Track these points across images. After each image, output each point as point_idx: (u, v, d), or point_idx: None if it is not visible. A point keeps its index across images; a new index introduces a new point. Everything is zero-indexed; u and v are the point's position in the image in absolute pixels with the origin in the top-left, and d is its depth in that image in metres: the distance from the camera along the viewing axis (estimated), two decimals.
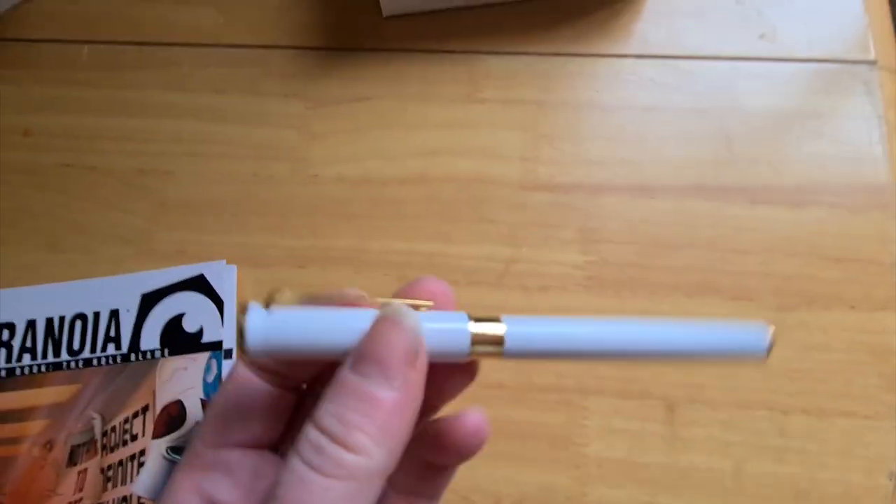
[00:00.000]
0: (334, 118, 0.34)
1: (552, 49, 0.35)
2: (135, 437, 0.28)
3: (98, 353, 0.29)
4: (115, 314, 0.30)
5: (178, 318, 0.30)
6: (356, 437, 0.12)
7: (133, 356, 0.29)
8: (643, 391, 0.29)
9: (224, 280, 0.30)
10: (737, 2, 0.35)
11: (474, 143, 0.33)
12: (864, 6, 0.34)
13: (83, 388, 0.29)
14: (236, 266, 0.31)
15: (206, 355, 0.29)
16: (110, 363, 0.29)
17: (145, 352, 0.29)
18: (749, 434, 0.28)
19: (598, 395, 0.29)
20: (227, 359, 0.29)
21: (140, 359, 0.29)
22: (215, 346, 0.29)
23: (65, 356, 0.30)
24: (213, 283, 0.30)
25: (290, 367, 0.16)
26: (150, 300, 0.30)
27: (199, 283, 0.30)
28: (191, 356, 0.29)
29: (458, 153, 0.33)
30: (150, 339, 0.29)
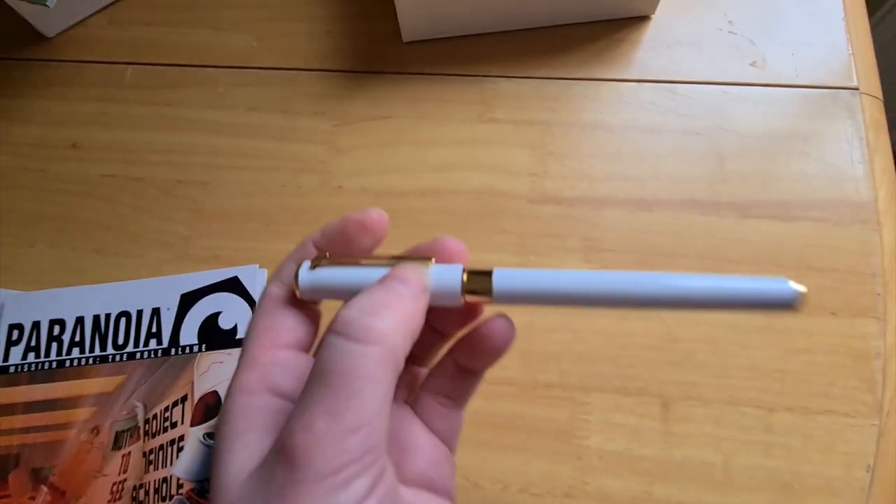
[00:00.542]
0: (358, 135, 0.37)
1: (559, 74, 0.37)
2: (174, 424, 0.30)
3: (141, 348, 0.32)
4: (156, 312, 0.33)
5: (214, 316, 0.32)
6: (383, 311, 0.16)
7: (173, 350, 0.32)
8: (641, 389, 0.31)
9: (256, 282, 0.33)
10: (730, 32, 0.38)
11: (486, 159, 0.36)
12: (848, 38, 0.37)
13: (127, 379, 0.32)
14: (267, 270, 0.33)
15: (239, 350, 0.31)
16: (152, 357, 0.32)
17: (184, 347, 0.32)
18: (738, 430, 0.30)
19: (599, 392, 0.31)
20: None
21: (179, 353, 0.32)
22: None
23: (110, 350, 0.32)
24: (247, 284, 0.33)
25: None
26: (188, 300, 0.33)
27: (233, 285, 0.33)
28: (226, 351, 0.32)
29: (471, 168, 0.36)
30: (188, 335, 0.32)
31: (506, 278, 0.17)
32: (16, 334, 0.33)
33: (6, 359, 0.32)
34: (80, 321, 0.33)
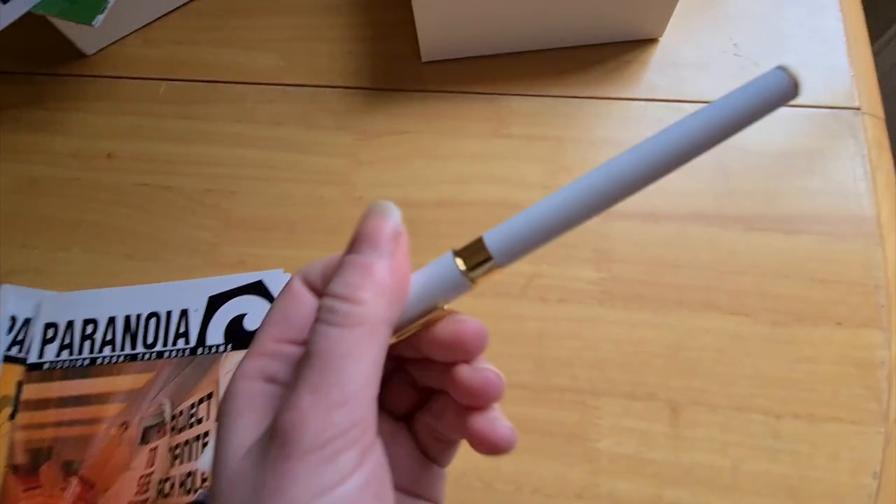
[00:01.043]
0: (378, 149, 0.39)
1: (571, 92, 0.39)
2: (200, 421, 0.32)
3: (169, 347, 0.34)
4: (184, 313, 0.34)
5: (239, 318, 0.34)
6: (359, 294, 0.16)
7: (200, 350, 0.33)
8: (650, 394, 0.32)
9: (280, 286, 0.34)
10: (735, 55, 0.39)
11: (500, 172, 0.37)
12: (850, 60, 0.38)
13: (155, 377, 0.33)
14: (291, 275, 0.35)
15: None
16: (180, 355, 0.33)
17: (211, 346, 0.33)
18: (746, 435, 0.31)
19: (610, 397, 0.32)
20: None
21: (206, 352, 0.33)
22: None
23: (140, 349, 0.34)
24: (271, 288, 0.34)
25: None
26: (215, 302, 0.34)
27: (258, 288, 0.34)
28: None
29: (486, 181, 0.37)
30: (215, 335, 0.33)
31: (497, 235, 0.17)
32: (51, 333, 0.34)
33: (41, 356, 0.34)
34: (111, 321, 0.34)
